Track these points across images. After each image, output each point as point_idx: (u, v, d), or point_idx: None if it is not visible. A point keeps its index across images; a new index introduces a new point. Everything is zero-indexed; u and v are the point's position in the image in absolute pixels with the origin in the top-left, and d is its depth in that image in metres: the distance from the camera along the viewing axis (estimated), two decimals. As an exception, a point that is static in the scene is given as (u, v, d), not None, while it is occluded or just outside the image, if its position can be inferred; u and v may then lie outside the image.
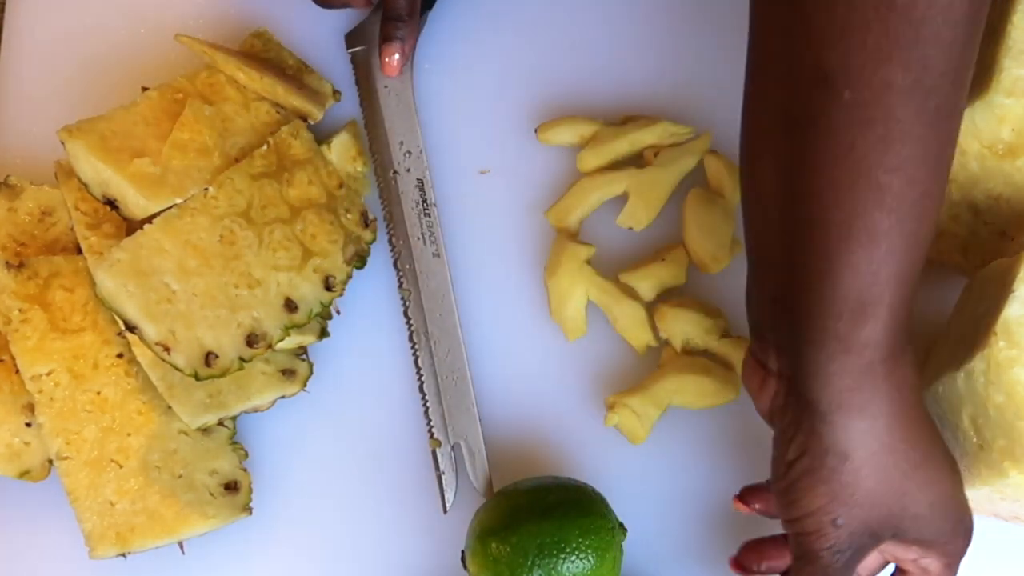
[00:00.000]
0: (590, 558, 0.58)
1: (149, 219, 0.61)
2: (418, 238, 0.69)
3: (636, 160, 0.70)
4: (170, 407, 0.63)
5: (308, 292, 0.64)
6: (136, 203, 0.62)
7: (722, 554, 0.62)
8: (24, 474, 0.64)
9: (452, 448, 0.66)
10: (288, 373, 0.66)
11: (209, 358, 0.60)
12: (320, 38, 0.75)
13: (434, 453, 0.66)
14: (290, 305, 0.63)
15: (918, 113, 0.45)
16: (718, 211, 0.67)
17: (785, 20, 0.47)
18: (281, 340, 0.63)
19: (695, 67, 0.72)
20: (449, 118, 0.72)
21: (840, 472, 0.50)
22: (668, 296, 0.68)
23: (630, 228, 0.69)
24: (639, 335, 0.67)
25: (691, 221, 0.67)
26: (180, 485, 0.63)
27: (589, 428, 0.68)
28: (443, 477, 0.66)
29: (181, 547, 0.65)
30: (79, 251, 0.66)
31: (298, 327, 0.64)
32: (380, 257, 0.70)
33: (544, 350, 0.69)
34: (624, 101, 0.71)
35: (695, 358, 0.67)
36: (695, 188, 0.68)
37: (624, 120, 0.70)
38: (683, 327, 0.66)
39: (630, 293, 0.67)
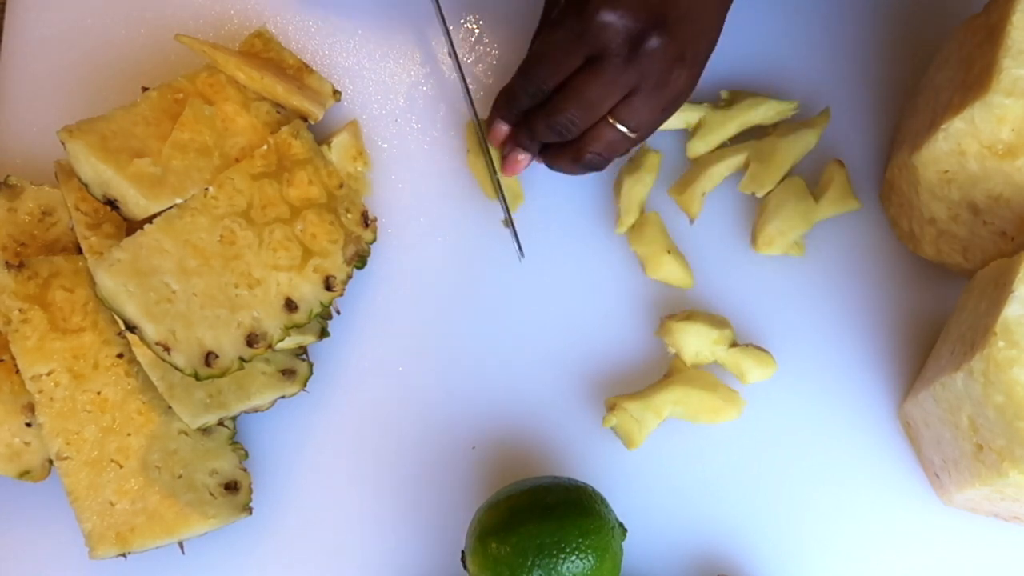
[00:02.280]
0: (590, 558, 0.58)
1: (149, 219, 0.61)
2: None
3: (754, 131, 0.70)
4: (170, 407, 0.63)
5: (308, 292, 0.64)
6: (136, 203, 0.62)
7: (721, 554, 0.62)
8: (24, 474, 0.64)
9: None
10: (288, 373, 0.66)
11: (209, 358, 0.60)
12: (320, 38, 0.75)
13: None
14: (290, 305, 0.63)
15: None
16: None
17: None
18: (281, 340, 0.63)
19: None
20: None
21: None
22: (673, 311, 0.68)
23: (752, 193, 0.69)
24: None
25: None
26: (180, 485, 0.63)
27: (590, 429, 0.68)
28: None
29: (181, 547, 0.65)
30: (79, 251, 0.66)
31: (298, 327, 0.64)
32: (380, 257, 0.71)
33: (545, 350, 0.69)
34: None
35: (703, 372, 0.67)
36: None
37: (728, 98, 0.70)
38: (691, 340, 0.66)
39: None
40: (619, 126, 0.61)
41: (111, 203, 0.63)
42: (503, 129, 0.67)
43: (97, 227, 0.65)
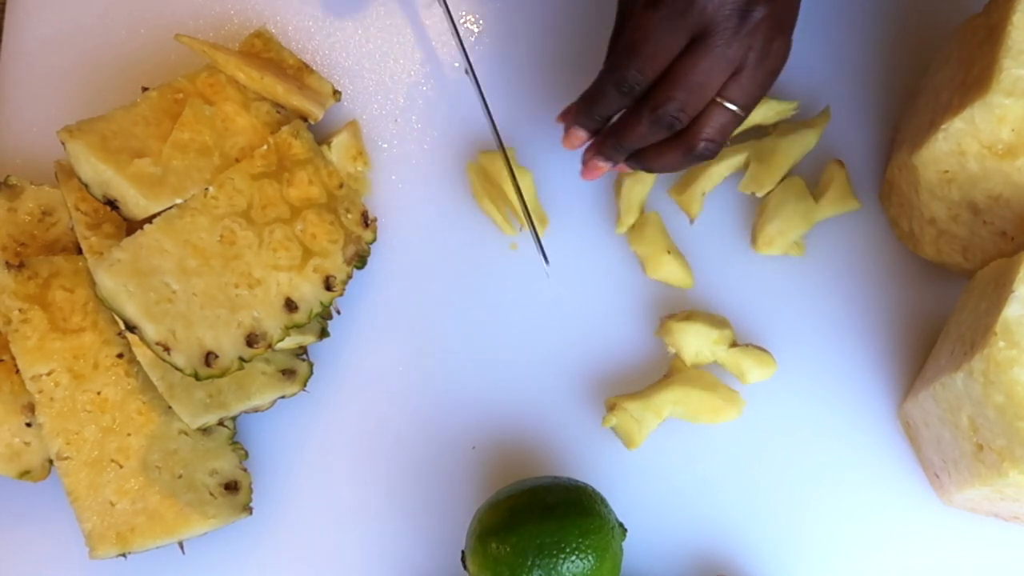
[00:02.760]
0: (590, 558, 0.58)
1: (149, 219, 0.61)
2: None
3: (754, 131, 0.70)
4: (170, 407, 0.63)
5: (308, 292, 0.64)
6: (136, 203, 0.62)
7: (721, 554, 0.62)
8: (24, 474, 0.64)
9: None
10: (288, 373, 0.66)
11: (209, 358, 0.60)
12: (320, 38, 0.75)
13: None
14: (290, 305, 0.63)
15: None
16: None
17: None
18: (281, 340, 0.63)
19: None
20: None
21: None
22: (673, 311, 0.68)
23: (752, 193, 0.69)
24: None
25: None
26: (180, 485, 0.63)
27: (590, 429, 0.68)
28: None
29: (181, 547, 0.65)
30: (79, 251, 0.66)
31: (298, 327, 0.64)
32: (380, 257, 0.71)
33: (545, 350, 0.69)
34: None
35: (703, 372, 0.67)
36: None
37: None
38: (691, 340, 0.66)
39: None
40: (729, 105, 0.58)
41: (111, 203, 0.63)
42: (581, 135, 0.63)
43: (97, 227, 0.65)
